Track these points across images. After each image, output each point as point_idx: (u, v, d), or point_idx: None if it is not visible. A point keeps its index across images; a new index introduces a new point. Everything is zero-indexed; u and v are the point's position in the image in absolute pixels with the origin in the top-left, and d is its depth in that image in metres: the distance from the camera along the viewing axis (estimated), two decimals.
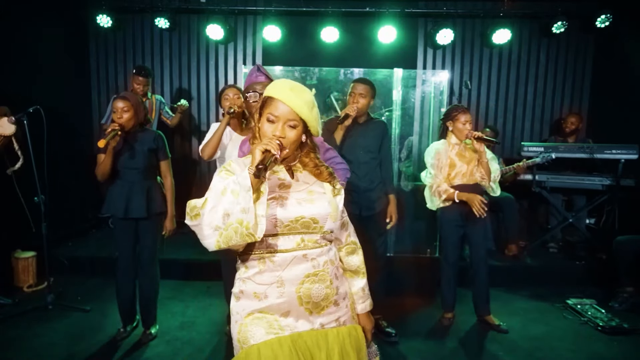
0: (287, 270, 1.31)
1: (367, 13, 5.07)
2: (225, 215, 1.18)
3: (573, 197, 4.67)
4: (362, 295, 1.53)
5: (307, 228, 1.33)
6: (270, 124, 1.31)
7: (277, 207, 1.30)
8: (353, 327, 1.44)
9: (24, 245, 3.89)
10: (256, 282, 1.33)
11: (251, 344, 1.29)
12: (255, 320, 1.31)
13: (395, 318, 3.34)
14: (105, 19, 4.92)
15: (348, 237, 1.53)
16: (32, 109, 3.14)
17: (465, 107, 3.13)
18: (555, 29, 4.99)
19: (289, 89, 1.30)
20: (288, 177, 1.39)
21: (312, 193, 1.37)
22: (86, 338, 2.95)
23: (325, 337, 1.35)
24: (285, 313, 1.32)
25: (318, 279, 1.34)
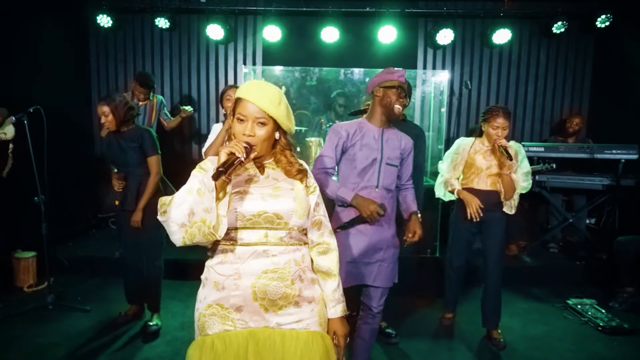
0: (245, 263, 1.32)
1: (367, 13, 5.07)
2: (190, 214, 1.21)
3: (573, 197, 4.67)
4: (332, 298, 1.47)
5: (271, 223, 1.34)
6: (240, 124, 1.34)
7: (239, 200, 1.32)
8: (319, 333, 1.39)
9: (24, 245, 3.89)
10: (217, 271, 1.35)
11: (207, 333, 1.34)
12: (212, 311, 1.34)
13: (395, 318, 3.34)
14: (105, 19, 4.92)
15: (321, 236, 1.48)
16: (32, 109, 3.14)
17: (504, 110, 2.83)
18: (555, 29, 4.99)
19: (255, 88, 1.34)
20: (258, 174, 1.41)
21: (279, 189, 1.38)
22: (86, 338, 2.95)
23: (282, 338, 1.34)
24: (239, 308, 1.33)
25: (277, 276, 1.33)
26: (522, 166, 2.91)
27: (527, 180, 2.92)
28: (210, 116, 5.49)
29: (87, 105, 5.40)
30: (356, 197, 2.16)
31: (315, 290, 1.44)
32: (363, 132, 2.24)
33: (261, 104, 1.31)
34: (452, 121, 5.37)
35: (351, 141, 2.22)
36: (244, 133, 1.32)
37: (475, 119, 5.47)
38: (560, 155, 4.23)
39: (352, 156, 2.22)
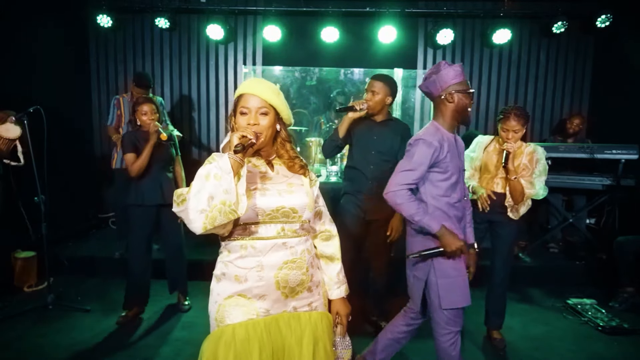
0: (267, 256, 1.41)
1: (367, 13, 5.07)
2: (209, 198, 1.25)
3: (573, 197, 4.66)
4: (337, 280, 1.61)
5: (287, 217, 1.43)
6: (244, 116, 1.42)
7: (259, 197, 1.40)
8: (325, 313, 1.55)
9: (24, 245, 3.89)
10: (238, 265, 1.42)
11: (227, 323, 1.39)
12: (234, 302, 1.41)
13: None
14: (105, 19, 4.92)
15: (323, 225, 1.62)
16: (33, 109, 3.14)
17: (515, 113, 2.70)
18: (555, 29, 4.99)
19: (254, 82, 1.45)
20: (269, 171, 1.50)
21: (292, 185, 1.48)
22: (86, 338, 2.95)
23: (298, 320, 1.46)
24: (263, 296, 1.42)
25: (296, 265, 1.44)
26: (537, 172, 2.80)
27: (538, 186, 2.78)
28: (210, 117, 5.49)
29: (87, 105, 5.41)
30: (442, 230, 1.97)
31: (319, 274, 1.58)
32: (446, 141, 2.05)
33: (262, 95, 1.41)
34: None
35: (443, 152, 2.01)
36: (249, 123, 1.40)
37: (476, 119, 5.48)
38: (560, 155, 4.23)
39: (445, 168, 2.03)
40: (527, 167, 2.81)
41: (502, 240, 2.91)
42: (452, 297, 2.08)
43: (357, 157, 2.85)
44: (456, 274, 2.06)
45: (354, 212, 2.86)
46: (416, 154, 2.00)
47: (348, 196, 2.91)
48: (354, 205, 2.86)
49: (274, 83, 1.47)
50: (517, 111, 2.72)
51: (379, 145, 2.84)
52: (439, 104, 2.11)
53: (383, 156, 2.84)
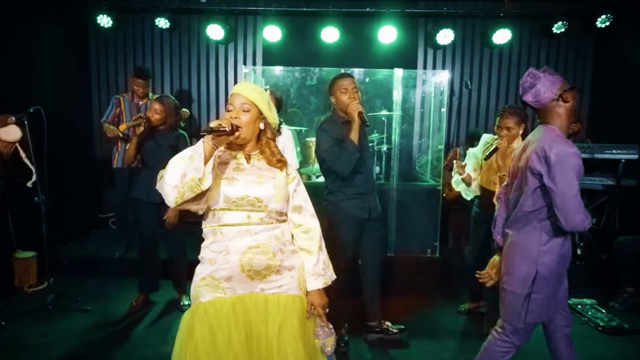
0: (232, 241, 1.55)
1: (367, 13, 5.07)
2: (182, 176, 1.41)
3: None
4: (312, 272, 1.67)
5: (253, 206, 1.56)
6: (229, 112, 1.60)
7: (227, 185, 1.55)
8: (297, 296, 1.62)
9: (24, 245, 3.89)
10: (211, 249, 1.57)
11: (201, 301, 1.55)
12: (205, 283, 1.56)
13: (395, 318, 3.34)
14: (105, 19, 4.92)
15: (302, 218, 1.69)
16: (33, 109, 3.14)
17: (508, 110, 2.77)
18: (555, 29, 4.99)
19: (242, 84, 1.64)
20: (245, 163, 1.64)
21: (262, 177, 1.60)
22: (86, 338, 2.95)
23: (265, 301, 1.57)
24: (229, 278, 1.55)
25: (260, 251, 1.56)
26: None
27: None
28: (211, 116, 5.49)
29: (87, 105, 5.41)
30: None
31: (295, 260, 1.66)
32: None
33: (245, 93, 1.59)
34: (452, 121, 5.37)
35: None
36: (231, 116, 1.58)
37: (476, 118, 5.48)
38: None
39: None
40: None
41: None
42: (537, 312, 1.97)
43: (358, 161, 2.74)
44: (549, 290, 1.94)
45: (360, 215, 2.77)
46: (571, 169, 1.78)
47: (353, 200, 2.76)
48: (361, 209, 2.78)
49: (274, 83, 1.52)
50: (511, 109, 2.78)
51: (365, 143, 2.88)
52: (553, 108, 2.01)
53: (368, 153, 2.92)
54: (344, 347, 2.86)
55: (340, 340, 2.84)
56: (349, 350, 2.87)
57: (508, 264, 1.99)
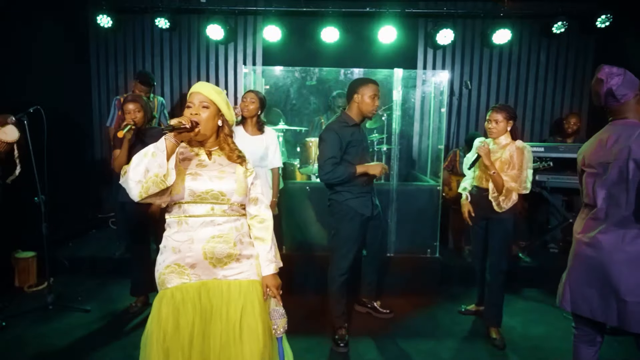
0: (197, 231, 1.66)
1: (367, 13, 5.07)
2: (145, 171, 1.50)
3: (573, 197, 4.66)
4: (267, 259, 1.79)
5: (216, 199, 1.67)
6: (188, 109, 1.68)
7: (191, 180, 1.65)
8: (257, 281, 1.76)
9: (24, 245, 3.89)
10: (174, 239, 1.67)
11: (167, 287, 1.66)
12: (170, 270, 1.67)
13: (395, 317, 3.35)
14: (105, 19, 4.92)
15: (258, 210, 1.82)
16: (33, 109, 3.14)
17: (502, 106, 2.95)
18: (555, 29, 4.99)
19: (200, 83, 1.72)
20: (207, 159, 1.73)
21: (223, 172, 1.71)
22: (86, 338, 2.95)
23: (228, 286, 1.70)
24: (193, 265, 1.67)
25: (222, 240, 1.68)
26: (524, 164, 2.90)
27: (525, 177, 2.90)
28: None
29: (87, 105, 5.41)
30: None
31: (252, 250, 1.79)
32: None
33: (204, 92, 1.68)
34: (452, 121, 5.37)
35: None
36: (191, 113, 1.66)
37: (476, 119, 5.48)
38: (560, 155, 4.23)
39: None
40: (509, 162, 2.90)
41: (495, 237, 3.00)
42: None
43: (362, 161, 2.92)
44: None
45: (365, 212, 2.92)
46: None
47: (360, 199, 2.88)
48: (366, 207, 2.93)
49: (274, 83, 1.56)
50: (501, 106, 2.97)
51: (366, 149, 3.04)
52: (634, 104, 2.10)
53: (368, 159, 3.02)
54: (344, 347, 2.87)
55: (341, 340, 2.88)
56: (349, 350, 2.87)
57: (623, 274, 1.83)
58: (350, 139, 2.81)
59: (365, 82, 2.84)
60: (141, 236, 3.31)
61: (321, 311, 3.37)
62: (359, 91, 2.82)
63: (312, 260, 3.73)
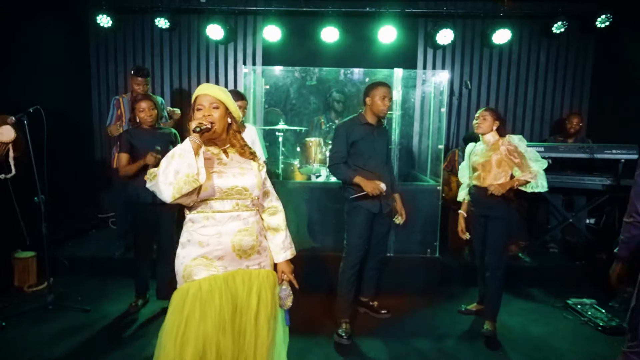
0: (225, 225, 1.75)
1: (367, 13, 5.07)
2: (175, 173, 1.58)
3: (573, 197, 4.66)
4: (282, 247, 1.96)
5: (240, 194, 1.77)
6: (199, 112, 1.76)
7: (217, 178, 1.74)
8: (271, 271, 1.90)
9: (24, 245, 3.88)
10: (200, 233, 1.75)
11: (194, 279, 1.72)
12: (198, 262, 1.73)
13: (395, 317, 3.35)
14: (105, 19, 4.92)
15: (270, 202, 1.97)
16: (32, 109, 3.13)
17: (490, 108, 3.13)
18: (555, 29, 4.99)
19: (206, 85, 1.80)
20: (225, 157, 1.83)
21: (244, 169, 1.82)
22: (86, 338, 2.95)
23: (249, 275, 1.81)
24: (221, 257, 1.76)
25: (247, 233, 1.79)
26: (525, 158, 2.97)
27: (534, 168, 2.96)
28: None
29: (87, 105, 5.41)
30: None
31: (266, 242, 1.93)
32: None
33: (212, 93, 1.77)
34: (452, 121, 5.37)
35: None
36: (204, 115, 1.74)
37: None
38: (560, 155, 4.23)
39: None
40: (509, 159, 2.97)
41: (493, 234, 3.04)
42: None
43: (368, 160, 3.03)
44: None
45: (373, 210, 3.05)
46: None
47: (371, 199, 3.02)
48: (373, 204, 3.04)
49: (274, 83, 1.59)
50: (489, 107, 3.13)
51: (381, 145, 3.12)
52: None
53: (383, 157, 3.13)
54: (347, 339, 2.96)
55: (345, 333, 2.99)
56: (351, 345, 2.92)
57: None
58: (359, 136, 3.01)
59: (375, 86, 3.00)
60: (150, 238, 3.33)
61: (321, 311, 3.37)
62: (370, 94, 3.00)
63: (312, 260, 3.73)
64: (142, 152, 3.12)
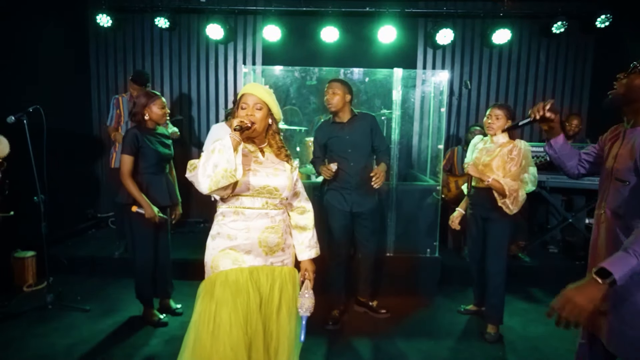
0: (253, 221, 1.81)
1: (367, 13, 5.07)
2: (214, 166, 1.64)
3: (572, 197, 4.66)
4: (308, 245, 2.02)
5: (271, 194, 1.82)
6: (243, 110, 1.82)
7: (252, 175, 1.79)
8: (293, 269, 1.96)
9: (24, 245, 3.89)
10: (230, 227, 1.81)
11: (221, 269, 1.78)
12: (226, 254, 1.80)
13: (395, 318, 3.35)
14: (105, 18, 4.92)
15: (299, 202, 2.02)
16: (32, 109, 3.14)
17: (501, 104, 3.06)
18: (555, 29, 4.99)
19: (253, 85, 1.87)
20: (261, 157, 1.88)
21: (277, 170, 1.87)
22: (85, 338, 2.95)
23: (272, 272, 1.86)
24: (248, 251, 1.81)
25: (274, 230, 1.85)
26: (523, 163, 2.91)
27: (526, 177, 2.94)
28: (210, 116, 5.49)
29: (86, 104, 5.40)
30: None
31: (290, 240, 1.99)
32: None
33: (257, 93, 1.82)
34: (451, 121, 5.37)
35: None
36: (247, 114, 1.80)
37: (475, 119, 5.47)
38: None
39: None
40: (511, 159, 2.91)
41: (493, 236, 3.01)
42: None
43: (337, 157, 3.10)
44: None
45: (339, 207, 3.14)
46: None
47: (332, 192, 3.16)
48: (339, 200, 3.14)
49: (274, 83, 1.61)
50: (501, 103, 3.06)
51: (352, 142, 3.11)
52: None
53: (358, 151, 3.12)
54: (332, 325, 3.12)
55: (331, 319, 3.14)
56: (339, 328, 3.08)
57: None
58: (328, 136, 3.16)
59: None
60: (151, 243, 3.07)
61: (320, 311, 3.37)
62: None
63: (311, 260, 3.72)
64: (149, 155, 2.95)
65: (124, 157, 2.88)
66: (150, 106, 2.97)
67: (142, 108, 2.96)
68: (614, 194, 1.62)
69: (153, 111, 2.98)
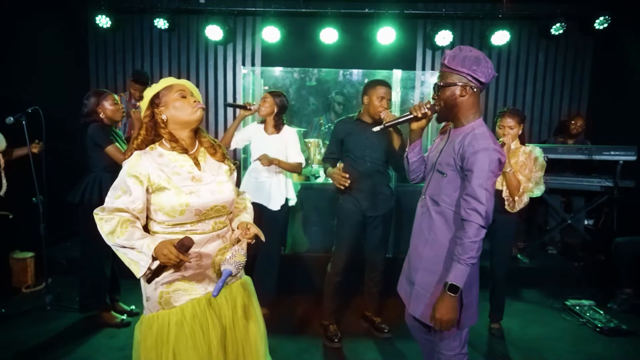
0: (204, 247, 1.61)
1: (366, 14, 5.08)
2: (119, 246, 1.53)
3: (572, 198, 4.67)
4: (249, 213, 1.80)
5: (219, 213, 1.64)
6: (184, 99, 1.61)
7: (195, 198, 1.56)
8: (246, 277, 1.83)
9: (22, 245, 3.88)
10: None
11: (174, 306, 1.59)
12: (176, 287, 1.59)
13: (394, 318, 3.34)
14: (104, 19, 4.92)
15: (241, 200, 1.84)
16: (31, 109, 3.14)
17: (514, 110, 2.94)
18: (554, 31, 5.00)
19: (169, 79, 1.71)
20: (196, 170, 1.62)
21: (221, 184, 1.64)
22: (84, 338, 2.95)
23: (231, 291, 1.71)
24: (201, 279, 1.63)
25: (226, 249, 1.66)
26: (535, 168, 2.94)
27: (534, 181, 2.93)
28: (209, 117, 5.48)
29: None
30: None
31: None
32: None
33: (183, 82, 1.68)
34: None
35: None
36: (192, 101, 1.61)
37: None
38: (558, 157, 4.23)
39: None
40: (525, 164, 2.94)
41: (499, 238, 3.01)
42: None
43: (354, 158, 2.95)
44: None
45: (353, 209, 2.97)
46: None
47: (347, 195, 2.98)
48: (353, 204, 2.97)
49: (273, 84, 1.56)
50: (512, 110, 2.94)
51: (371, 144, 2.93)
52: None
53: (376, 153, 2.95)
54: (338, 342, 2.95)
55: (334, 336, 2.97)
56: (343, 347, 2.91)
57: None
58: (347, 132, 2.95)
59: (374, 85, 2.85)
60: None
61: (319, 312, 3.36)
62: (368, 93, 2.87)
63: (311, 261, 3.73)
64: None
65: (109, 148, 2.92)
66: (102, 103, 2.98)
67: (95, 107, 2.98)
68: (434, 183, 1.90)
69: (106, 107, 2.98)
